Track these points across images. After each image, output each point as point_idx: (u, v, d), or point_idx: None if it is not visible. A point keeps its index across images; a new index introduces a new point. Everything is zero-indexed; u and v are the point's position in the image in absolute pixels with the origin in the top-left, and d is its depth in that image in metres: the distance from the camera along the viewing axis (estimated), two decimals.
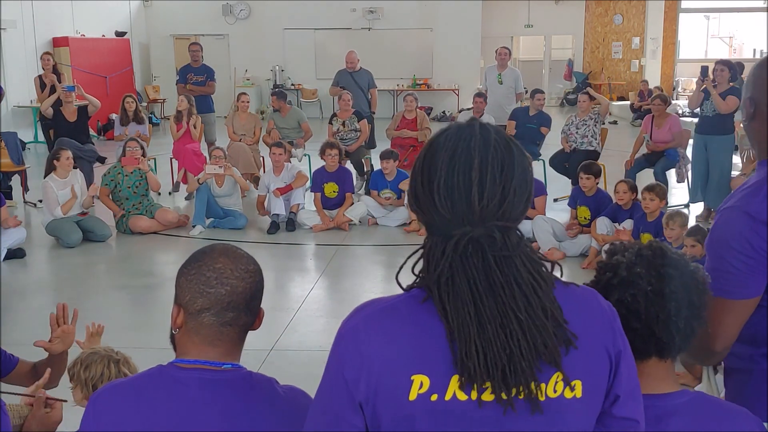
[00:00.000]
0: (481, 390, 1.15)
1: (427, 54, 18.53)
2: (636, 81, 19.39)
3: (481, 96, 9.23)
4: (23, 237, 6.82)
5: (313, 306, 5.46)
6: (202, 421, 1.45)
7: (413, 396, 1.16)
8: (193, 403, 1.46)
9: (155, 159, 9.23)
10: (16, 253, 6.55)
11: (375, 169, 8.35)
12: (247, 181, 8.48)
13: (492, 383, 1.15)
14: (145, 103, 17.08)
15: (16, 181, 8.89)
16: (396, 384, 1.16)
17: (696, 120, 8.13)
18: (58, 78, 9.91)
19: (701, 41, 25.17)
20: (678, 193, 8.76)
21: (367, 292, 5.81)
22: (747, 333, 1.69)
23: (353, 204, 7.73)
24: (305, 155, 9.50)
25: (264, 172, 8.79)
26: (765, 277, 1.63)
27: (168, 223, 7.50)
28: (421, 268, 1.24)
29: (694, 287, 1.49)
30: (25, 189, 8.83)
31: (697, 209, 7.91)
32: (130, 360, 2.54)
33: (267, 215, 7.61)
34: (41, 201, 7.64)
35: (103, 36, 16.54)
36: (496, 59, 9.72)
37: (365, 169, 9.13)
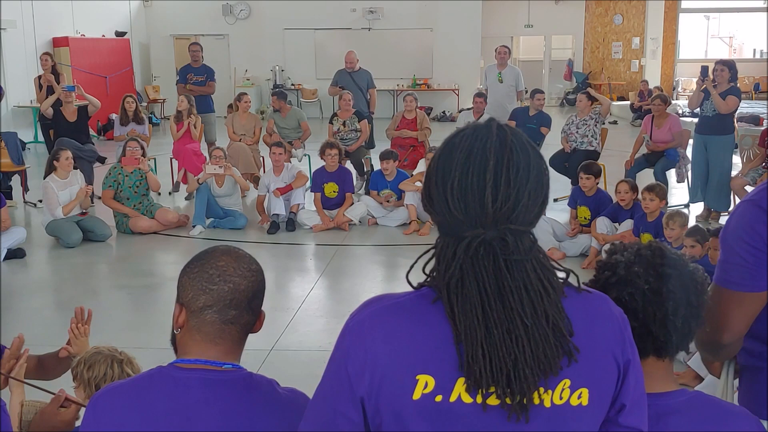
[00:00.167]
0: (487, 394, 1.15)
1: (427, 54, 18.53)
2: (636, 81, 19.40)
3: (482, 96, 9.24)
4: (23, 237, 6.82)
5: (313, 306, 5.47)
6: (202, 422, 1.45)
7: (417, 395, 1.15)
8: (194, 404, 1.46)
9: (155, 159, 9.23)
10: (16, 253, 6.56)
11: (375, 169, 8.35)
12: (247, 181, 8.48)
13: (496, 388, 1.14)
14: (145, 103, 17.09)
15: (16, 181, 8.89)
16: (400, 382, 1.16)
17: (696, 120, 8.13)
18: (57, 78, 9.91)
19: (701, 41, 25.18)
20: (678, 193, 8.76)
21: (367, 292, 5.81)
22: (760, 329, 1.69)
23: (353, 204, 7.73)
24: (305, 155, 9.50)
25: (264, 172, 8.80)
26: None
27: (168, 223, 7.50)
28: (432, 267, 1.23)
29: (692, 287, 1.49)
30: (25, 189, 8.84)
31: (697, 209, 7.91)
32: (133, 360, 2.54)
33: (266, 222, 7.59)
34: (41, 201, 7.64)
35: (103, 36, 16.54)
36: (495, 58, 9.73)
37: (365, 169, 9.13)
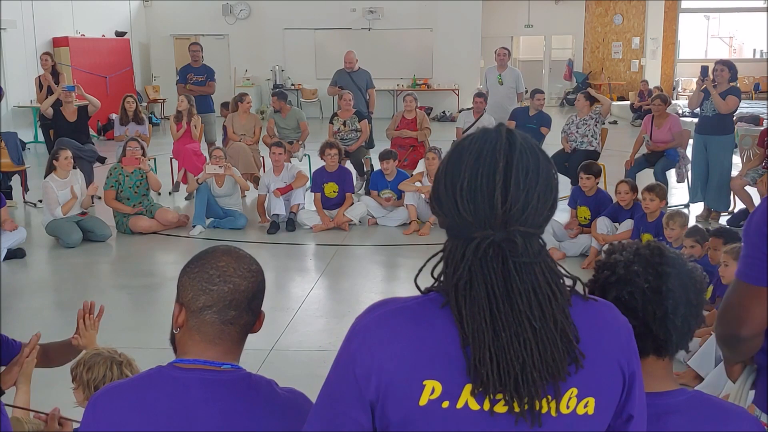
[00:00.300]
0: (494, 401, 1.14)
1: (427, 54, 18.53)
2: (636, 81, 19.40)
3: (482, 96, 9.24)
4: (23, 237, 6.82)
5: (313, 306, 5.46)
6: (201, 422, 1.45)
7: (424, 401, 1.14)
8: (193, 404, 1.46)
9: (155, 159, 9.24)
10: (16, 253, 6.56)
11: (375, 170, 8.35)
12: (247, 181, 8.48)
13: (504, 393, 1.14)
14: (145, 103, 17.09)
15: (16, 181, 8.89)
16: (407, 387, 1.15)
17: (696, 120, 8.13)
18: (57, 78, 9.90)
19: (701, 41, 25.18)
20: (678, 193, 8.76)
21: (367, 292, 5.81)
22: None
23: (353, 204, 7.73)
24: (305, 155, 9.50)
25: (264, 172, 8.80)
26: None
27: (168, 223, 7.50)
28: (440, 271, 1.22)
29: (691, 285, 1.49)
30: (25, 189, 8.84)
31: (697, 209, 7.91)
32: (133, 362, 2.54)
33: (267, 221, 7.60)
34: (41, 201, 7.64)
35: (103, 36, 16.54)
36: (495, 60, 9.73)
37: (365, 169, 9.13)
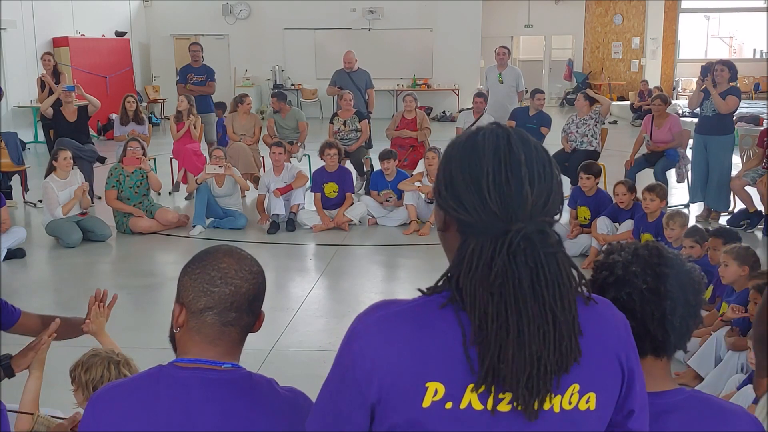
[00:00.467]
0: (498, 400, 1.14)
1: (427, 54, 18.53)
2: (636, 81, 19.40)
3: (481, 96, 9.24)
4: (23, 237, 6.82)
5: (313, 306, 5.46)
6: (201, 421, 1.45)
7: (427, 403, 1.14)
8: (193, 403, 1.46)
9: (155, 159, 9.23)
10: (16, 253, 6.56)
11: (375, 170, 8.35)
12: (247, 181, 8.48)
13: (516, 391, 1.13)
14: (145, 103, 17.08)
15: (16, 181, 8.89)
16: (409, 390, 1.15)
17: (696, 120, 8.13)
18: (58, 78, 9.90)
19: (701, 41, 25.19)
20: (678, 193, 8.76)
21: (367, 292, 5.81)
22: None
23: (353, 204, 7.73)
24: (305, 155, 9.51)
25: (264, 172, 8.80)
26: None
27: (168, 223, 7.50)
28: (450, 272, 1.20)
29: (689, 286, 1.49)
30: (25, 189, 8.84)
31: (697, 209, 7.91)
32: (131, 361, 2.54)
33: (266, 221, 7.60)
34: (41, 201, 7.64)
35: (103, 36, 16.54)
36: (495, 59, 9.74)
37: (365, 169, 9.13)
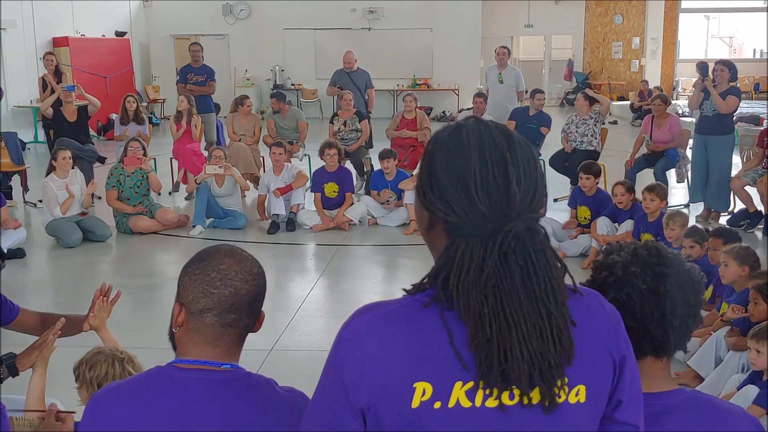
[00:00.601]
0: (486, 396, 1.14)
1: (427, 54, 18.53)
2: (636, 81, 19.39)
3: (482, 96, 9.24)
4: (23, 237, 6.82)
5: (313, 306, 5.47)
6: (201, 422, 1.45)
7: (416, 404, 1.14)
8: (192, 404, 1.46)
9: (155, 159, 9.23)
10: (16, 253, 6.55)
11: (375, 169, 8.36)
12: (247, 181, 8.48)
13: (522, 386, 1.13)
14: (145, 103, 17.08)
15: (16, 181, 8.89)
16: (398, 391, 1.15)
17: (694, 119, 8.13)
18: (60, 78, 9.90)
19: (701, 41, 25.19)
20: (678, 193, 8.77)
21: (367, 292, 5.82)
22: None
23: (353, 204, 7.73)
24: (305, 155, 9.51)
25: (264, 172, 8.80)
26: None
27: (168, 223, 7.50)
28: (435, 272, 1.20)
29: (689, 286, 1.49)
30: (25, 189, 8.84)
31: (697, 209, 7.91)
32: (135, 359, 2.56)
33: (266, 219, 7.60)
34: (41, 201, 7.64)
35: (103, 36, 16.54)
36: (495, 59, 9.74)
37: (365, 169, 9.13)
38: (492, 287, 1.13)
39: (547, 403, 1.15)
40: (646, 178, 7.87)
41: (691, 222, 6.27)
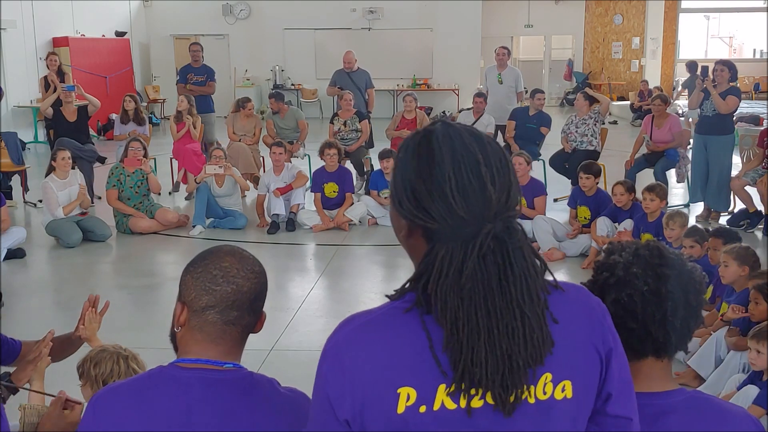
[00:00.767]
0: (470, 397, 1.14)
1: (427, 54, 18.53)
2: (636, 81, 19.39)
3: (481, 96, 9.24)
4: (23, 237, 6.82)
5: (313, 306, 5.47)
6: (202, 422, 1.45)
7: (401, 409, 1.14)
8: (194, 404, 1.46)
9: (155, 159, 9.23)
10: (16, 253, 6.55)
11: (375, 169, 8.36)
12: (247, 181, 8.48)
13: (492, 387, 1.14)
14: (145, 103, 17.07)
15: (16, 181, 8.89)
16: (383, 398, 1.15)
17: (692, 119, 8.13)
18: (62, 78, 9.90)
19: (701, 41, 25.21)
20: (678, 193, 8.77)
21: (367, 292, 5.82)
22: None
23: (353, 204, 7.74)
24: (306, 155, 9.51)
25: (264, 172, 8.80)
26: None
27: (168, 223, 7.50)
28: (416, 277, 1.20)
29: (691, 287, 1.49)
30: (25, 189, 8.83)
31: (697, 209, 7.91)
32: (138, 356, 2.58)
33: (265, 225, 7.58)
34: (41, 201, 7.64)
35: (103, 36, 16.53)
36: (495, 59, 9.74)
37: (365, 169, 9.14)
38: (468, 290, 1.14)
39: (511, 404, 1.15)
40: (646, 178, 7.87)
41: (691, 222, 6.27)
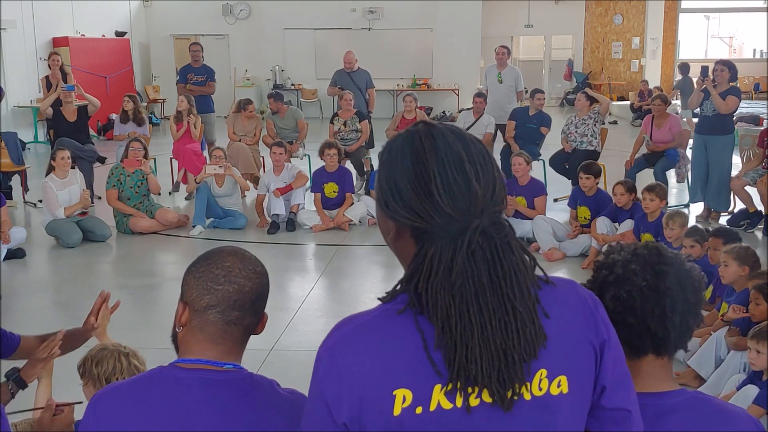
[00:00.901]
0: (467, 396, 1.15)
1: (427, 54, 18.53)
2: (636, 81, 19.38)
3: (481, 96, 9.24)
4: (23, 237, 6.82)
5: (313, 306, 5.47)
6: (202, 422, 1.45)
7: (397, 411, 1.14)
8: (194, 404, 1.46)
9: (155, 159, 9.23)
10: (16, 253, 6.55)
11: (375, 169, 8.34)
12: (247, 181, 8.48)
13: (490, 386, 1.14)
14: (145, 103, 17.07)
15: (16, 181, 8.89)
16: (379, 400, 1.15)
17: (696, 120, 8.12)
18: (65, 78, 9.89)
19: (701, 41, 25.21)
20: (678, 193, 8.76)
21: (367, 292, 5.81)
22: None
23: (353, 204, 7.74)
24: (305, 155, 9.51)
25: (264, 172, 8.80)
26: None
27: (168, 223, 7.50)
28: (407, 278, 1.20)
29: (689, 284, 1.50)
30: (25, 189, 8.84)
31: (697, 209, 7.91)
32: (138, 353, 2.58)
33: (265, 224, 7.58)
34: (41, 201, 7.64)
35: (103, 36, 16.54)
36: (495, 59, 9.74)
37: (365, 169, 9.14)
38: (459, 287, 1.14)
39: (509, 399, 1.15)
40: (646, 178, 7.86)
41: (691, 222, 6.28)
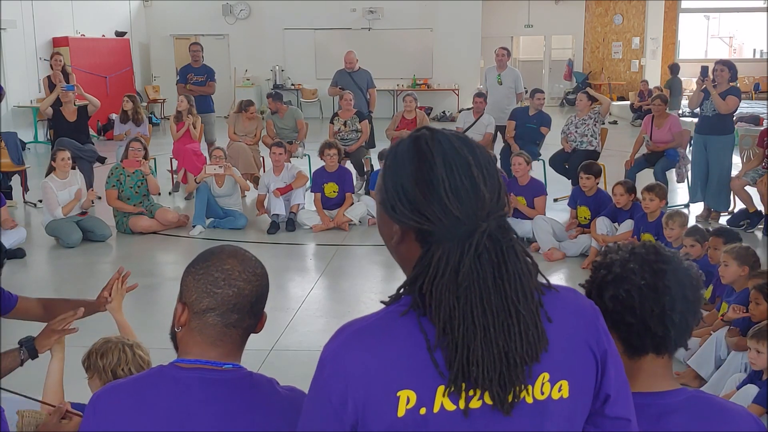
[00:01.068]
0: (469, 398, 1.15)
1: (427, 54, 18.53)
2: (636, 81, 19.39)
3: (481, 96, 9.24)
4: (23, 237, 6.82)
5: (313, 306, 5.47)
6: (202, 421, 1.45)
7: (401, 412, 1.15)
8: (194, 403, 1.46)
9: (155, 159, 9.23)
10: (16, 253, 6.55)
11: (375, 169, 8.35)
12: (247, 181, 8.48)
13: (489, 387, 1.14)
14: (145, 103, 17.07)
15: (16, 181, 8.89)
16: (383, 402, 1.15)
17: (696, 120, 8.12)
18: (67, 78, 9.88)
19: (701, 41, 25.20)
20: (678, 193, 8.76)
21: (367, 292, 5.81)
22: None
23: (353, 204, 7.73)
24: (305, 155, 9.51)
25: (264, 172, 8.80)
26: None
27: (168, 223, 7.50)
28: (411, 280, 1.20)
29: (688, 282, 1.50)
30: (25, 189, 8.83)
31: (697, 209, 7.91)
32: (142, 344, 2.61)
33: (266, 214, 7.61)
34: (41, 201, 7.64)
35: (103, 36, 16.54)
36: (495, 60, 9.74)
37: (365, 169, 9.14)
38: (465, 289, 1.15)
39: (509, 403, 1.16)
40: (646, 178, 7.86)
41: (691, 222, 6.27)
